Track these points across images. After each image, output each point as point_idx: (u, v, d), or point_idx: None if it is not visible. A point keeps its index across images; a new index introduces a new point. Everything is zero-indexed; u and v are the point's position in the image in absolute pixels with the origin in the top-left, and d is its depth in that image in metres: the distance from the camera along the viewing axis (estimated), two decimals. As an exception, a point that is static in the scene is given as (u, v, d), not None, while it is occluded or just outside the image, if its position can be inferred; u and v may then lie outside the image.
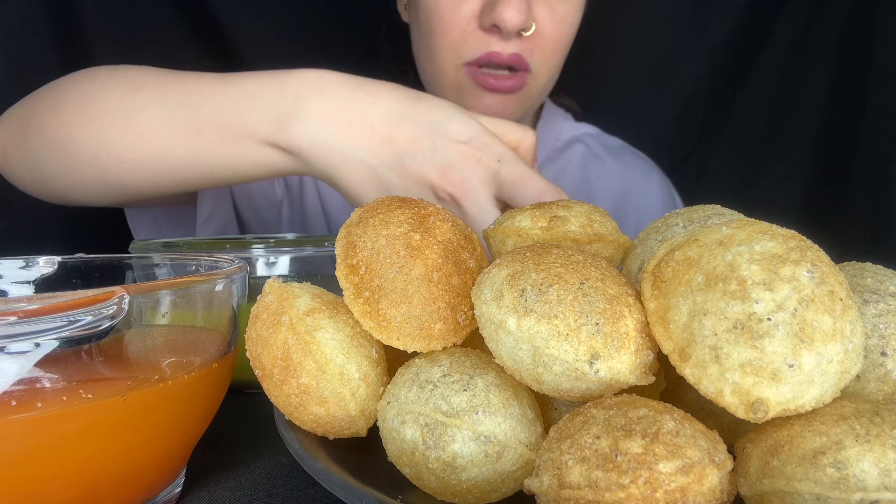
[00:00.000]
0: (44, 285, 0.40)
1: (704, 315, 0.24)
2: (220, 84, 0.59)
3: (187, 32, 1.12)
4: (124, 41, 1.06)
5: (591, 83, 0.86)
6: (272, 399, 0.33)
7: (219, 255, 0.41)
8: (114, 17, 1.04)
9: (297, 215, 0.95)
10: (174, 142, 0.59)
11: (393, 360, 0.33)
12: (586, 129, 1.07)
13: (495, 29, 0.75)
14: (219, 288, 0.34)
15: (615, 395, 0.26)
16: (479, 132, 0.54)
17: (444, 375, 0.29)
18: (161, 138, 0.59)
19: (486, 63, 0.78)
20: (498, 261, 0.29)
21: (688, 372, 0.24)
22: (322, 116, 0.54)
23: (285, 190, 0.94)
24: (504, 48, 0.77)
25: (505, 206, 0.54)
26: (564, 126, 1.05)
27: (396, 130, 0.54)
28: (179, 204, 0.82)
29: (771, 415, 0.23)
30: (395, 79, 0.60)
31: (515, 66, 0.79)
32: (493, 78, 0.79)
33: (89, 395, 0.27)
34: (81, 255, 0.42)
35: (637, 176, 1.05)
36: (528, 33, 0.77)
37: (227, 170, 0.59)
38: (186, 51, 1.12)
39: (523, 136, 0.59)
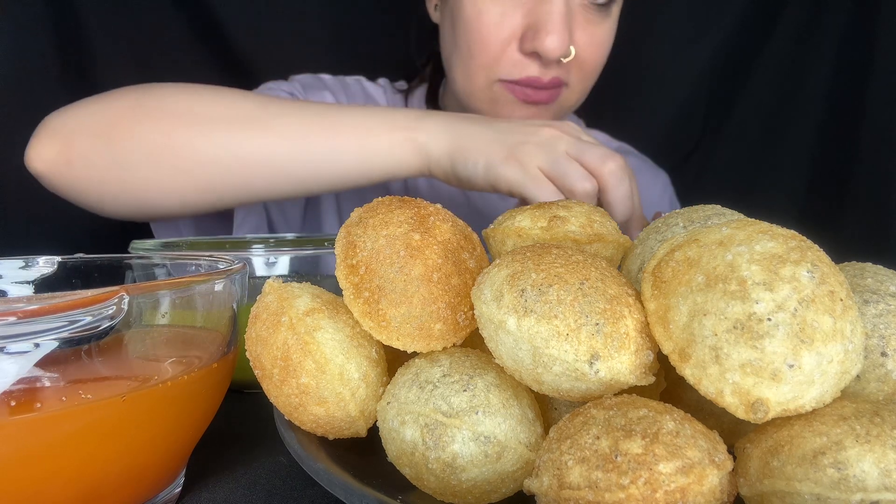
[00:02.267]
0: (44, 285, 0.40)
1: (704, 315, 0.24)
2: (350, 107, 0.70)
3: (191, 35, 1.12)
4: (126, 43, 1.07)
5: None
6: (272, 399, 0.33)
7: (219, 255, 0.41)
8: (116, 17, 1.04)
9: (312, 216, 0.96)
10: (311, 137, 0.66)
11: (393, 360, 0.33)
12: (597, 135, 1.09)
13: (536, 55, 0.77)
14: (219, 288, 0.34)
15: (615, 395, 0.26)
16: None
17: (444, 375, 0.29)
18: (299, 134, 0.66)
19: (525, 85, 0.80)
20: (498, 261, 0.29)
21: (688, 372, 0.24)
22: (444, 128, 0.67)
23: None
24: (544, 73, 0.79)
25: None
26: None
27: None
28: (207, 216, 0.84)
29: (771, 415, 0.23)
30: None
31: (554, 86, 0.81)
32: (530, 90, 0.80)
33: (89, 396, 0.27)
34: (81, 255, 0.42)
35: (644, 180, 1.06)
36: (568, 59, 0.78)
37: (362, 164, 0.67)
38: (189, 53, 1.12)
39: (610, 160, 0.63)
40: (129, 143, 0.65)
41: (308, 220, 0.95)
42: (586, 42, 0.79)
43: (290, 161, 0.66)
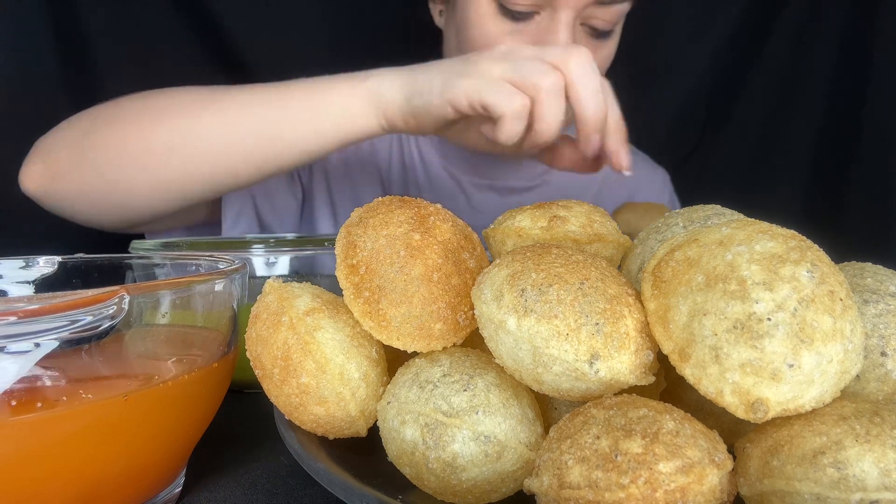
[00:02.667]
0: (44, 285, 0.40)
1: (704, 315, 0.24)
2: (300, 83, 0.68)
3: (191, 35, 1.12)
4: (126, 43, 1.06)
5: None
6: (272, 399, 0.33)
7: (219, 255, 0.41)
8: (116, 17, 1.04)
9: (307, 219, 0.96)
10: (265, 111, 0.65)
11: (393, 360, 0.34)
12: None
13: None
14: (219, 288, 0.34)
15: (615, 395, 0.26)
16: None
17: (444, 375, 0.29)
18: (245, 112, 0.65)
19: None
20: (498, 261, 0.29)
21: (688, 372, 0.24)
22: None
23: (302, 192, 0.95)
24: None
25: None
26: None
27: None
28: (201, 222, 0.84)
29: (771, 415, 0.23)
30: None
31: None
32: None
33: (89, 395, 0.27)
34: (81, 255, 0.42)
35: (642, 176, 1.06)
36: None
37: (317, 124, 0.65)
38: (189, 53, 1.12)
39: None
40: (96, 149, 0.67)
41: (304, 224, 0.95)
42: None
43: (246, 137, 0.66)
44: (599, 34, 0.78)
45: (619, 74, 1.15)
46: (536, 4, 0.73)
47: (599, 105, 0.58)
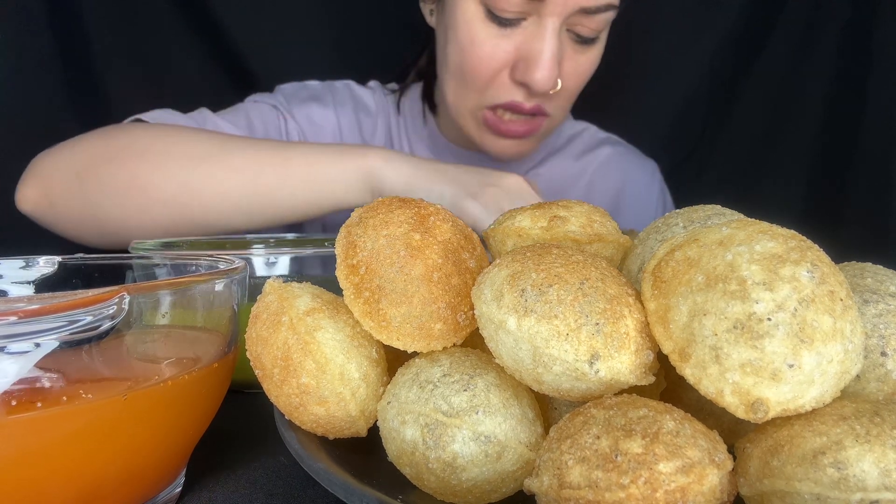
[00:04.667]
0: (44, 285, 0.40)
1: (704, 315, 0.24)
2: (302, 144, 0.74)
3: (191, 38, 1.12)
4: (126, 44, 1.06)
5: (591, 83, 0.86)
6: (272, 399, 0.33)
7: (219, 255, 0.41)
8: (116, 18, 1.04)
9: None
10: (263, 169, 0.69)
11: (393, 360, 0.34)
12: (583, 125, 1.11)
13: (525, 85, 0.78)
14: (219, 288, 0.34)
15: (615, 395, 0.26)
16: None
17: (444, 375, 0.29)
18: (251, 168, 0.69)
19: (507, 108, 0.82)
20: (498, 261, 0.29)
21: (688, 372, 0.24)
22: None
23: None
24: (527, 100, 0.81)
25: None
26: (565, 125, 1.08)
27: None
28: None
29: (771, 415, 0.23)
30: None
31: (535, 113, 0.82)
32: (512, 124, 0.83)
33: (89, 395, 0.27)
34: (81, 255, 0.42)
35: (632, 168, 1.08)
36: (555, 91, 0.80)
37: (310, 193, 0.69)
38: (190, 55, 1.12)
39: None
40: (97, 184, 0.69)
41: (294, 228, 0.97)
42: (571, 72, 0.81)
43: (242, 194, 0.69)
44: (584, 41, 0.80)
45: (620, 74, 1.15)
46: (523, 11, 0.75)
47: None
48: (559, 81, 0.79)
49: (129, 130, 0.73)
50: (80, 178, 0.70)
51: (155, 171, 0.69)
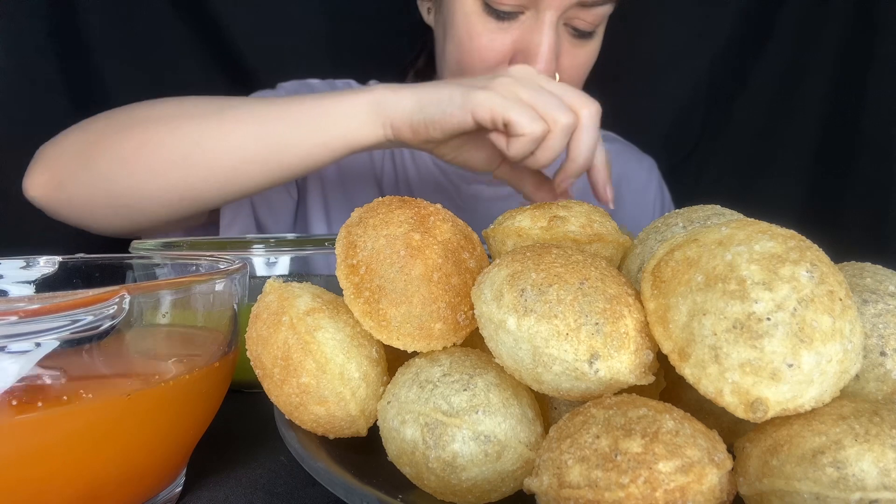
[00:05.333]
0: (44, 285, 0.40)
1: (704, 315, 0.24)
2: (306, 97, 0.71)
3: (191, 36, 1.12)
4: (127, 45, 1.06)
5: (590, 82, 0.87)
6: (272, 399, 0.33)
7: (219, 255, 0.41)
8: (116, 19, 1.04)
9: (301, 215, 0.96)
10: (272, 118, 0.67)
11: (393, 360, 0.34)
12: None
13: None
14: (219, 288, 0.34)
15: (615, 394, 0.26)
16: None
17: (444, 375, 0.29)
18: (257, 122, 0.67)
19: None
20: (498, 261, 0.29)
21: (687, 372, 0.24)
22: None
23: (297, 190, 0.96)
24: None
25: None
26: None
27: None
28: (201, 225, 0.86)
29: (770, 414, 0.23)
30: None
31: None
32: None
33: (90, 395, 0.27)
34: (82, 255, 0.42)
35: (629, 164, 1.08)
36: None
37: (322, 133, 0.67)
38: (189, 53, 1.12)
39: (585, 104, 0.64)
40: (107, 156, 0.68)
41: (298, 221, 0.96)
42: (569, 65, 0.81)
43: (251, 145, 0.67)
44: (581, 34, 0.80)
45: (620, 74, 1.15)
46: (521, 4, 0.75)
47: (589, 156, 0.65)
48: (557, 75, 0.79)
49: (132, 105, 0.73)
50: (88, 155, 0.69)
51: (165, 133, 0.67)
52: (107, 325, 0.27)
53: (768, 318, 0.23)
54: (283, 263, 0.55)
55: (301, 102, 0.68)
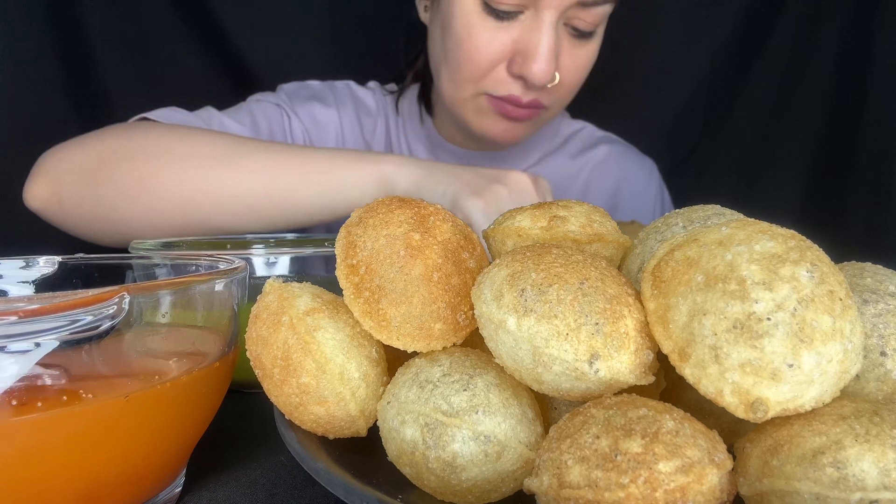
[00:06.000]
0: (44, 285, 0.40)
1: (704, 315, 0.24)
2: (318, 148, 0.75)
3: (191, 37, 1.12)
4: (127, 46, 1.06)
5: (591, 83, 0.87)
6: (272, 399, 0.33)
7: (219, 255, 0.41)
8: (116, 19, 1.04)
9: None
10: (279, 174, 0.69)
11: (393, 360, 0.34)
12: (581, 124, 1.11)
13: (522, 78, 0.79)
14: (219, 288, 0.34)
15: (615, 394, 0.26)
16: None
17: (444, 375, 0.29)
18: (266, 176, 0.69)
19: (504, 101, 0.82)
20: (498, 261, 0.29)
21: (687, 372, 0.24)
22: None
23: None
24: (525, 94, 0.81)
25: None
26: (563, 124, 1.08)
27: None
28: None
29: (770, 414, 0.23)
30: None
31: (532, 107, 0.83)
32: (510, 106, 0.83)
33: (90, 395, 0.27)
34: (81, 255, 0.42)
35: (630, 167, 1.08)
36: (552, 85, 0.81)
37: (326, 197, 0.70)
38: (189, 55, 1.12)
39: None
40: (110, 184, 0.69)
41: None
42: (569, 66, 0.82)
43: (257, 197, 0.70)
44: (581, 34, 0.80)
45: (620, 74, 1.15)
46: (520, 4, 0.75)
47: None
48: (556, 75, 0.79)
49: (142, 130, 0.73)
50: (92, 178, 0.69)
51: (170, 173, 0.69)
52: (106, 325, 0.27)
53: (768, 318, 0.23)
54: (283, 263, 0.55)
55: (311, 161, 0.71)
